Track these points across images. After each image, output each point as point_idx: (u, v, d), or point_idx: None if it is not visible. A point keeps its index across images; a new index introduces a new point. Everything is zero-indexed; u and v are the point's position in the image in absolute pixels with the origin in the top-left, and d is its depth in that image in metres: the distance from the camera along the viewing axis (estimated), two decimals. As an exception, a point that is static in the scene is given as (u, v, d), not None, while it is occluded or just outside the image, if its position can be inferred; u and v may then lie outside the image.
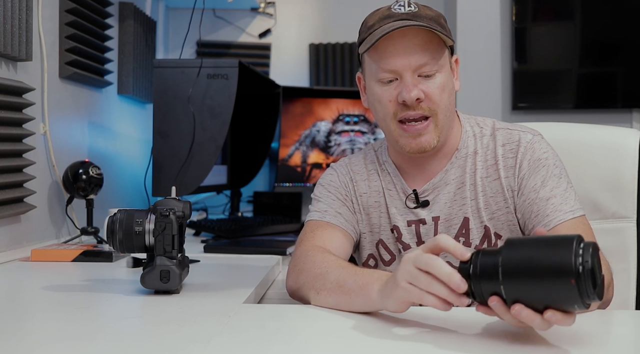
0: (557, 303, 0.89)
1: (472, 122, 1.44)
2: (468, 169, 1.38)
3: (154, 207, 1.28)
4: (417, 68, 1.29)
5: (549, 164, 1.35)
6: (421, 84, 1.30)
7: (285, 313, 1.21)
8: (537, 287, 0.89)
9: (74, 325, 1.08)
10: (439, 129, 1.33)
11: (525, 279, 0.90)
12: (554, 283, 0.88)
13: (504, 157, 1.37)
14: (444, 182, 1.38)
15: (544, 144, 1.38)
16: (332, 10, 3.15)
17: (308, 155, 2.71)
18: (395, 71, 1.30)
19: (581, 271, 0.86)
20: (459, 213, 1.37)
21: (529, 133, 1.38)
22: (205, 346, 0.93)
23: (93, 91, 2.32)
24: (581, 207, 1.33)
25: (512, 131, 1.39)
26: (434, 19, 1.31)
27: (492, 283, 0.92)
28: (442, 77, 1.31)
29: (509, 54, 3.03)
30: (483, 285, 0.93)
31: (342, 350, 0.97)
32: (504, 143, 1.38)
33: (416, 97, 1.28)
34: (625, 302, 1.54)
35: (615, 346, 1.02)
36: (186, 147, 2.03)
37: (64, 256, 1.69)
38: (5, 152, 1.71)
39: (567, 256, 0.87)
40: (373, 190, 1.44)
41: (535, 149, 1.36)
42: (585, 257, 0.87)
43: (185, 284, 1.35)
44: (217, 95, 2.07)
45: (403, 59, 1.29)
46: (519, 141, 1.37)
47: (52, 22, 2.00)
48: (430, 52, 1.29)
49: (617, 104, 2.97)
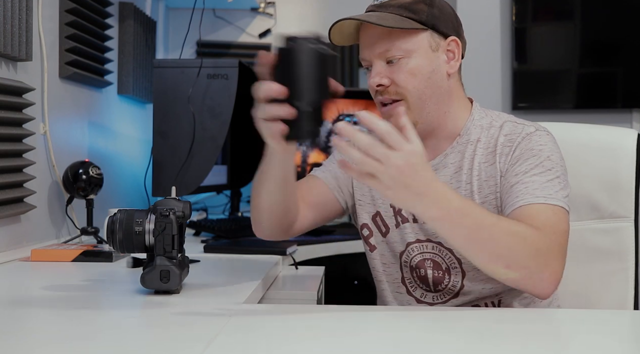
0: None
1: (486, 113, 1.44)
2: (467, 155, 1.39)
3: (154, 207, 1.28)
4: (379, 55, 1.35)
5: (541, 156, 1.32)
6: (387, 70, 1.35)
7: (285, 313, 1.21)
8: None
9: (74, 325, 1.08)
10: (413, 111, 1.34)
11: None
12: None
13: (503, 145, 1.37)
14: (442, 165, 1.40)
15: (545, 138, 1.36)
16: (332, 10, 3.15)
17: (308, 155, 2.71)
18: (366, 60, 1.38)
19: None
20: None
21: (533, 127, 1.38)
22: (205, 346, 0.94)
23: (93, 91, 2.32)
24: (564, 202, 1.27)
25: (518, 124, 1.39)
26: (405, 5, 1.34)
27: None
28: (411, 62, 1.34)
29: (509, 54, 3.03)
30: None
31: (343, 350, 0.97)
32: (506, 133, 1.38)
33: (376, 84, 1.35)
34: (624, 302, 1.54)
35: (614, 346, 1.02)
36: (186, 147, 2.03)
37: (64, 256, 1.69)
38: (5, 152, 1.71)
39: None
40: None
41: (533, 139, 1.35)
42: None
43: (185, 284, 1.35)
44: (217, 95, 2.07)
45: (368, 48, 1.36)
46: (521, 132, 1.37)
47: (52, 22, 2.00)
48: (392, 39, 1.33)
49: (617, 104, 2.97)
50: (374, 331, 1.07)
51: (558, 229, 1.23)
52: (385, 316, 1.21)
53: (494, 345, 0.98)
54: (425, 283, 1.41)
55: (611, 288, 1.54)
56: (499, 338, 1.02)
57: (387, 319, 1.16)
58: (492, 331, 1.07)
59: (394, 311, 1.30)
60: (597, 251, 1.56)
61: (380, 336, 1.03)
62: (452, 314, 1.20)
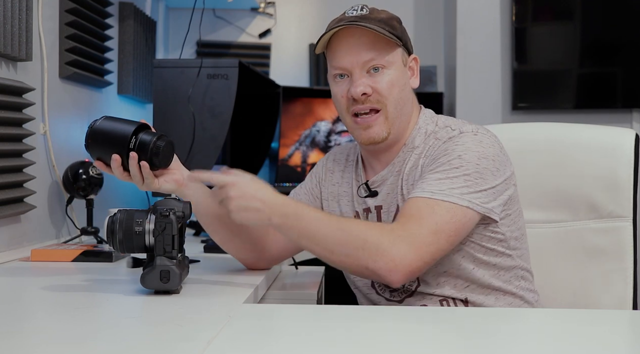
0: None
1: (433, 121, 1.44)
2: (408, 162, 1.42)
3: (154, 207, 1.28)
4: (364, 64, 1.38)
5: (452, 155, 1.32)
6: (369, 79, 1.38)
7: (285, 313, 1.22)
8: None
9: (74, 325, 1.08)
10: (390, 121, 1.40)
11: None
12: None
13: (431, 148, 1.39)
14: (390, 174, 1.44)
15: (466, 139, 1.35)
16: (332, 10, 3.13)
17: (308, 155, 2.71)
18: (345, 68, 1.40)
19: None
20: (393, 202, 1.42)
21: (459, 130, 1.37)
22: (205, 346, 0.94)
23: (93, 91, 2.32)
24: (460, 198, 1.27)
25: (453, 130, 1.39)
26: (384, 20, 1.39)
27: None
28: (391, 73, 1.39)
29: (509, 54, 3.03)
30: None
31: (342, 350, 0.97)
32: (438, 138, 1.39)
33: (362, 92, 1.37)
34: (623, 302, 1.54)
35: (612, 346, 1.02)
36: (186, 147, 2.03)
37: (64, 256, 1.69)
38: (5, 152, 1.71)
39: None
40: (345, 181, 1.53)
41: (453, 140, 1.35)
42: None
43: (185, 284, 1.35)
44: (217, 95, 2.07)
45: (351, 57, 1.38)
46: (447, 135, 1.37)
47: (52, 22, 2.00)
48: (376, 49, 1.38)
49: (617, 104, 2.97)
50: (374, 331, 1.07)
51: (423, 221, 1.26)
52: (385, 316, 1.21)
53: (494, 345, 0.98)
54: (384, 284, 1.42)
55: (610, 288, 1.54)
56: (499, 338, 1.02)
57: (387, 319, 1.16)
58: (492, 331, 1.07)
59: (394, 311, 1.30)
60: (596, 250, 1.56)
61: (380, 336, 1.03)
62: (452, 314, 1.20)
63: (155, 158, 1.35)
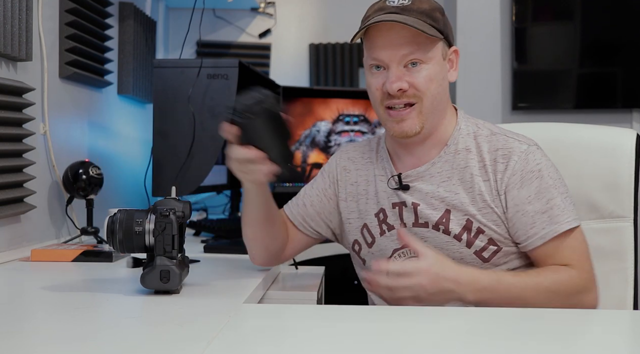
0: None
1: (471, 121, 1.45)
2: (457, 165, 1.40)
3: (154, 207, 1.28)
4: (402, 58, 1.35)
5: (543, 176, 1.36)
6: (407, 75, 1.36)
7: (285, 313, 1.22)
8: None
9: (74, 325, 1.08)
10: (424, 115, 1.37)
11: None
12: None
13: (496, 162, 1.38)
14: (429, 174, 1.41)
15: (537, 154, 1.38)
16: (332, 10, 3.16)
17: (308, 155, 2.71)
18: (382, 61, 1.36)
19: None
20: (441, 205, 1.39)
21: (525, 143, 1.39)
22: (205, 346, 0.94)
23: (93, 91, 2.32)
24: (573, 216, 1.35)
25: (508, 138, 1.40)
26: (426, 12, 1.35)
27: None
28: (430, 68, 1.36)
29: (509, 54, 3.03)
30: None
31: (342, 350, 0.97)
32: (497, 148, 1.39)
33: (397, 89, 1.35)
34: (623, 302, 1.54)
35: (613, 346, 1.02)
36: (186, 147, 2.03)
37: (64, 256, 1.69)
38: (5, 152, 1.71)
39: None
40: (362, 179, 1.50)
41: (529, 160, 1.37)
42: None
43: (185, 284, 1.35)
44: (217, 95, 2.07)
45: (389, 51, 1.35)
46: (513, 149, 1.38)
47: (52, 22, 2.00)
48: (417, 44, 1.34)
49: (617, 104, 2.97)
50: (374, 331, 1.07)
51: (582, 253, 1.34)
52: (385, 316, 1.21)
53: (494, 345, 0.98)
54: None
55: (610, 288, 1.53)
56: (498, 338, 1.02)
57: (387, 319, 1.16)
58: (491, 331, 1.07)
59: (394, 311, 1.30)
60: (597, 250, 1.55)
61: (380, 336, 1.03)
62: (451, 314, 1.20)
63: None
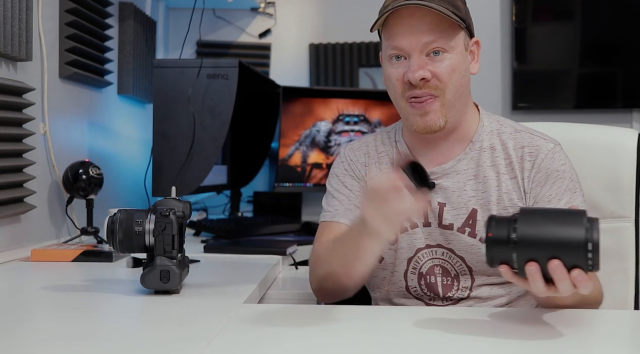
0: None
1: (493, 118, 1.43)
2: (483, 163, 1.37)
3: (154, 207, 1.28)
4: (424, 47, 1.29)
5: (566, 177, 1.35)
6: (429, 64, 1.30)
7: (285, 313, 1.21)
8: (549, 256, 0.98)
9: (74, 325, 1.08)
10: (446, 108, 1.32)
11: (539, 250, 0.99)
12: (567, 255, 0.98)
13: (522, 159, 1.36)
14: (455, 171, 1.38)
15: (563, 155, 1.38)
16: (332, 10, 3.15)
17: (308, 155, 2.71)
18: (403, 50, 1.30)
19: (591, 247, 0.96)
20: (468, 204, 1.36)
21: (551, 142, 1.38)
22: (205, 346, 0.94)
23: (93, 91, 2.32)
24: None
25: (533, 136, 1.39)
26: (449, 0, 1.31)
27: (504, 250, 1.01)
28: (452, 58, 1.31)
29: (509, 54, 3.03)
30: (495, 251, 1.02)
31: (342, 350, 0.97)
32: (523, 145, 1.37)
33: (420, 78, 1.29)
34: (624, 302, 1.54)
35: (613, 346, 1.02)
36: (186, 147, 2.03)
37: (64, 256, 1.69)
38: (5, 152, 1.71)
39: (579, 231, 0.97)
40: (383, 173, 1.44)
41: (555, 159, 1.36)
42: (594, 232, 0.97)
43: (185, 284, 1.35)
44: (217, 95, 2.07)
45: (410, 38, 1.29)
46: (540, 147, 1.37)
47: (52, 22, 2.00)
48: (439, 31, 1.29)
49: (617, 104, 2.97)
50: (374, 331, 1.07)
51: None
52: (385, 315, 1.21)
53: (494, 345, 0.98)
54: (433, 290, 1.38)
55: (611, 288, 1.53)
56: (498, 338, 1.02)
57: (387, 319, 1.16)
58: (491, 331, 1.07)
59: (394, 310, 1.30)
60: (597, 251, 1.56)
61: (380, 336, 1.03)
62: (451, 313, 1.20)
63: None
